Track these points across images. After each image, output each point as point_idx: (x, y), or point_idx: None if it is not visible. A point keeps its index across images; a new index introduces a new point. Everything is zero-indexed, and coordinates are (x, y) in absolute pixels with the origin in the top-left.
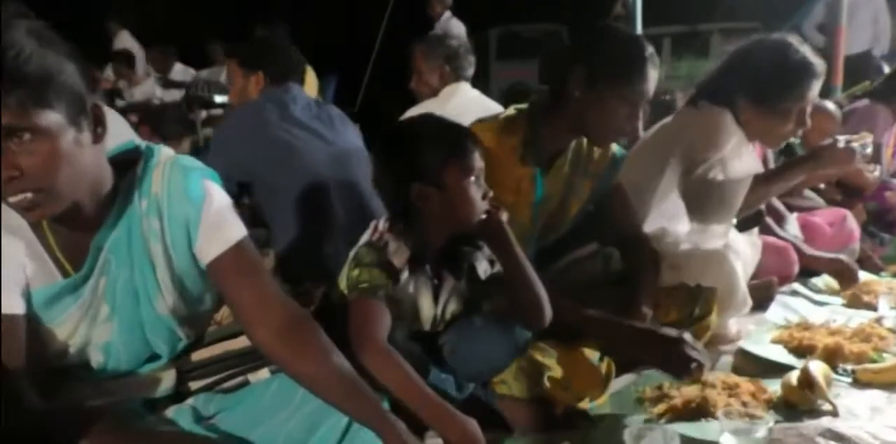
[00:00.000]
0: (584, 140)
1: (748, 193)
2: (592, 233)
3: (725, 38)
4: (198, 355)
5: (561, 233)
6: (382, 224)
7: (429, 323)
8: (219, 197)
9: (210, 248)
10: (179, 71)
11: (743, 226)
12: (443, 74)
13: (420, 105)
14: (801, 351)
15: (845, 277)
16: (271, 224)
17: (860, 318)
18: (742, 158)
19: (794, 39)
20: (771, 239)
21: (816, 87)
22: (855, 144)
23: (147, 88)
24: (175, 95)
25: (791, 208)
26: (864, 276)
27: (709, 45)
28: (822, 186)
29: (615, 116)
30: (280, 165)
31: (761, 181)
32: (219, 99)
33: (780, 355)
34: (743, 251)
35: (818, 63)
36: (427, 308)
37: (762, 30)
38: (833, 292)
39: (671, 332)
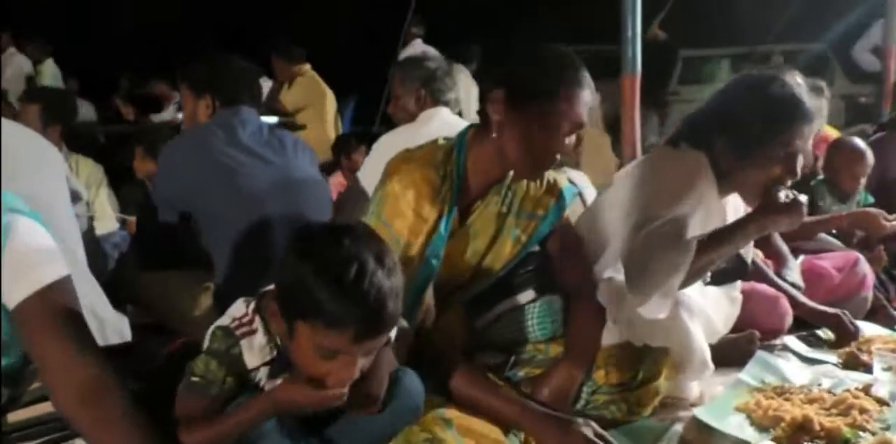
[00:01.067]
0: None
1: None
2: (534, 279)
3: (787, 60)
4: (14, 417)
5: (493, 278)
6: (253, 303)
7: None
8: (28, 234)
9: (14, 290)
10: None
11: (720, 280)
12: (419, 97)
13: (395, 131)
14: (766, 423)
15: (842, 333)
16: (213, 255)
17: (853, 382)
18: (709, 214)
19: (786, 76)
20: (762, 287)
21: (807, 131)
22: (802, 197)
23: None
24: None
25: (798, 251)
26: (873, 330)
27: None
28: None
29: (535, 143)
30: (220, 193)
31: (703, 245)
32: None
33: (739, 427)
34: (714, 307)
35: (808, 103)
36: None
37: (826, 51)
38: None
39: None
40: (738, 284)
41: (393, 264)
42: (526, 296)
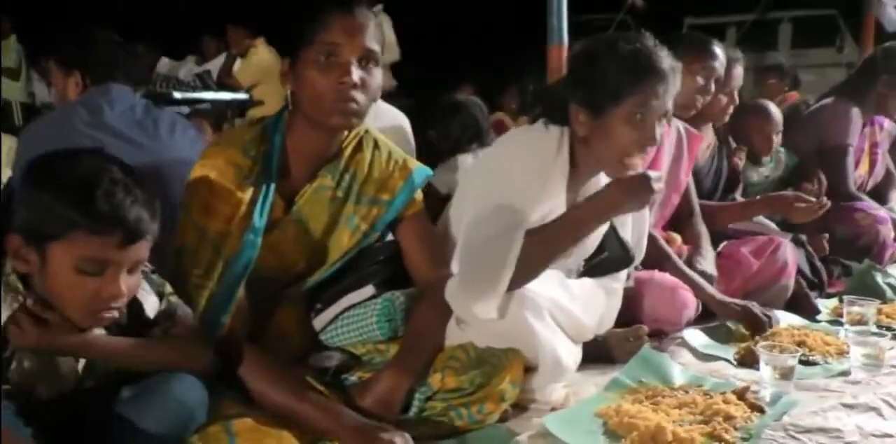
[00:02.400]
0: (368, 152)
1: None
2: (377, 273)
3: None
4: None
5: (330, 270)
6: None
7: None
8: None
9: None
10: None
11: (597, 271)
12: None
13: None
14: (621, 431)
15: (753, 325)
16: None
17: (740, 382)
18: (554, 201)
19: (638, 36)
20: (661, 277)
21: (661, 90)
22: (654, 173)
23: None
24: None
25: (725, 235)
26: (790, 320)
27: (777, 35)
28: None
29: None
30: None
31: (537, 237)
32: (177, 95)
33: (589, 436)
34: (586, 301)
35: (663, 60)
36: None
37: (836, 17)
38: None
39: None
40: (622, 274)
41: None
42: (366, 292)
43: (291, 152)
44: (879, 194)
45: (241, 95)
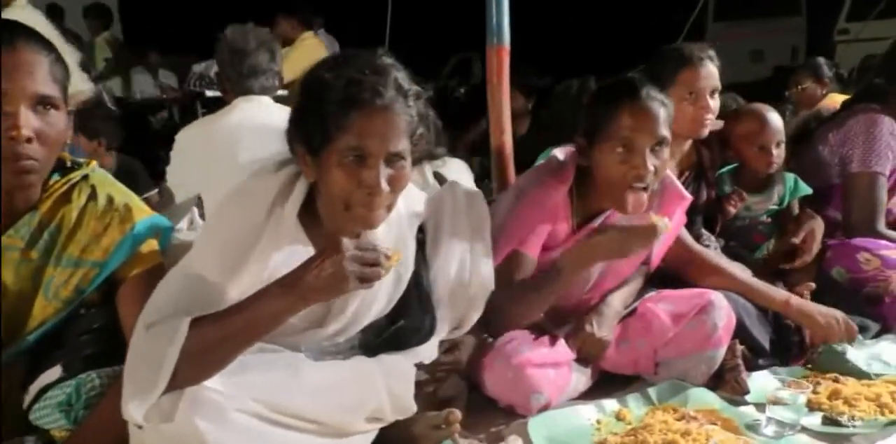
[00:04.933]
0: (78, 203)
1: None
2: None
3: None
4: None
5: (25, 344)
6: None
7: None
8: None
9: None
10: None
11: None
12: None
13: (194, 123)
14: None
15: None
16: None
17: None
18: (266, 268)
19: (369, 54)
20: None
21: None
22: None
23: None
24: None
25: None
26: (702, 401)
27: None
28: None
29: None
30: None
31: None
32: (210, 93)
33: None
34: (329, 391)
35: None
36: None
37: None
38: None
39: None
40: (426, 349)
41: None
42: (53, 373)
43: None
44: None
45: (281, 92)
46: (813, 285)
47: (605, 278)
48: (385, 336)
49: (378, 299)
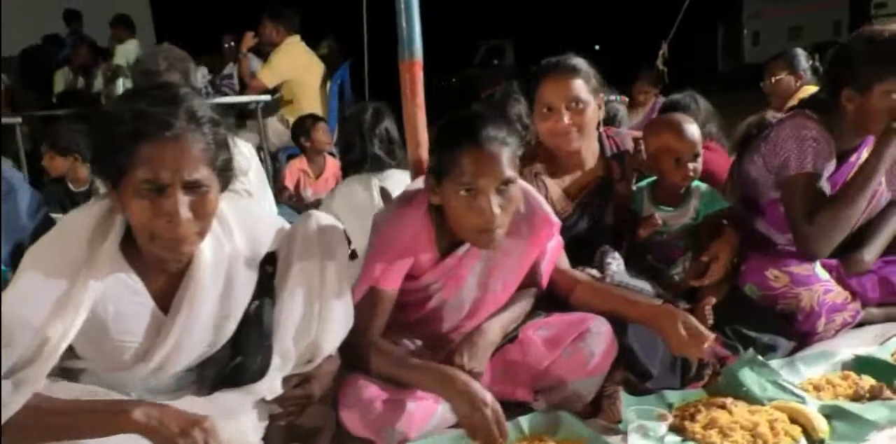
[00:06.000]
0: None
1: None
2: None
3: None
4: None
5: None
6: None
7: None
8: None
9: None
10: None
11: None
12: None
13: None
14: None
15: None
16: None
17: None
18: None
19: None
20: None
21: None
22: None
23: None
24: None
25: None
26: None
27: None
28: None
29: None
30: None
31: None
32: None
33: None
34: None
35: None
36: None
37: None
38: None
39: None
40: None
41: None
42: None
43: None
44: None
45: (262, 97)
46: (713, 299)
47: (481, 305)
48: (225, 372)
49: (195, 330)
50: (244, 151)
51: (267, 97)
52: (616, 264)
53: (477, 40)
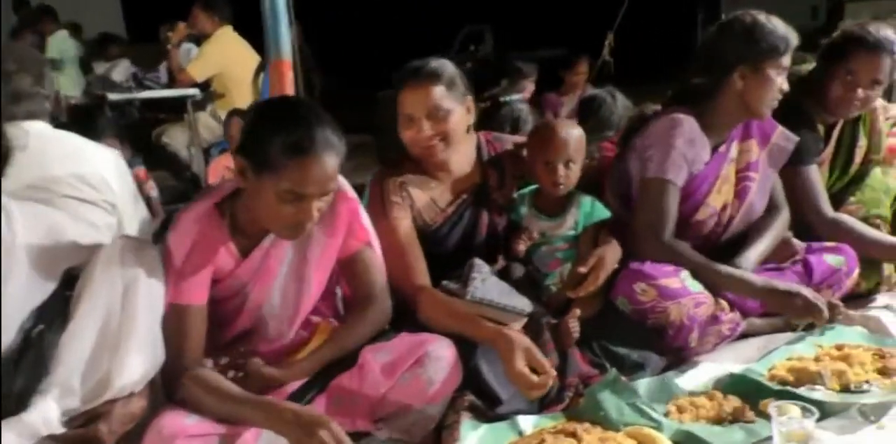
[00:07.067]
0: None
1: None
2: None
3: None
4: None
5: None
6: None
7: None
8: None
9: None
10: None
11: None
12: None
13: None
14: None
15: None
16: None
17: None
18: None
19: None
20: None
21: None
22: None
23: None
24: None
25: None
26: None
27: None
28: None
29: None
30: None
31: None
32: (113, 97)
33: None
34: None
35: None
36: None
37: None
38: None
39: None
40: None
41: None
42: None
43: None
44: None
45: (191, 91)
46: (579, 311)
47: (301, 299)
48: None
49: None
50: (108, 158)
51: (196, 91)
52: (481, 278)
53: (455, 25)
